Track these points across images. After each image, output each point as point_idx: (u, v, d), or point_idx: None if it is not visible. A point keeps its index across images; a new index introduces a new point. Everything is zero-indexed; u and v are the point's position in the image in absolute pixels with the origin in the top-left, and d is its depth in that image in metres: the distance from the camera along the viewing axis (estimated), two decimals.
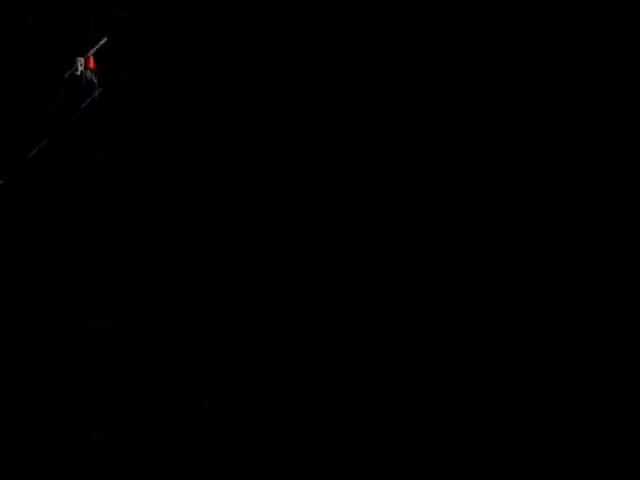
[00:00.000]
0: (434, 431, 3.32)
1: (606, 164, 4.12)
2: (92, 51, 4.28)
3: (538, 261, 3.95)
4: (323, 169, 4.39)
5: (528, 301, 3.83)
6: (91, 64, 4.29)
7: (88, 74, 4.29)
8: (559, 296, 3.83)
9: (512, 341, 3.71)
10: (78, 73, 4.24)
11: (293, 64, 4.63)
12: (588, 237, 3.96)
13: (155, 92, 4.66)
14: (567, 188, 4.14)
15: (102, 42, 4.34)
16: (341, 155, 4.42)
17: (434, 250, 4.05)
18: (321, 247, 4.12)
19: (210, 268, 4.14)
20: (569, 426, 3.33)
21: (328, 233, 4.17)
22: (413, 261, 4.02)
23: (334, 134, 4.49)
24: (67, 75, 4.23)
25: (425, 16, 4.41)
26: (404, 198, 4.25)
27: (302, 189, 4.33)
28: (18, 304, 3.91)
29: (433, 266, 4.00)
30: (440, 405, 3.45)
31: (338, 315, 3.87)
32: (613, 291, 3.79)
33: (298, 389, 3.54)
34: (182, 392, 3.52)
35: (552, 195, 4.13)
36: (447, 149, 4.35)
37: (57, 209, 4.37)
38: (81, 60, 4.27)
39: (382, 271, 4.02)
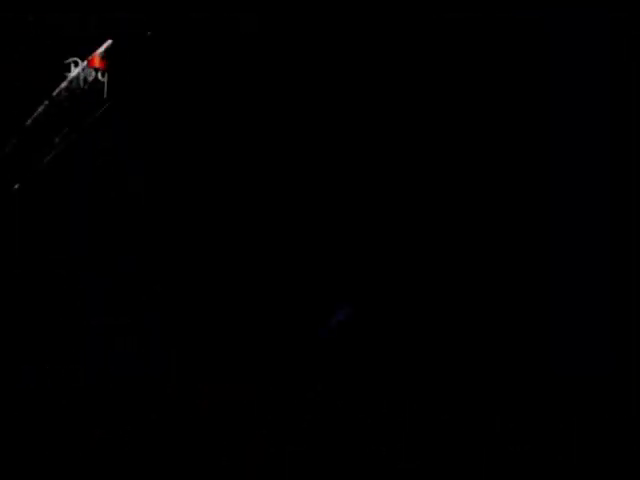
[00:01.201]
0: (434, 431, 3.32)
1: (606, 164, 4.12)
2: (98, 50, 4.27)
3: (538, 261, 3.95)
4: (324, 169, 4.39)
5: (528, 301, 3.84)
6: (97, 63, 4.29)
7: (91, 74, 4.29)
8: (559, 296, 3.83)
9: (512, 341, 3.71)
10: (74, 74, 4.24)
11: (293, 64, 4.64)
12: (588, 237, 3.96)
13: (155, 92, 4.66)
14: (567, 188, 4.15)
15: (105, 42, 4.34)
16: (341, 154, 4.43)
17: (433, 249, 4.06)
18: (321, 248, 4.13)
19: (210, 268, 4.14)
20: (569, 426, 3.33)
21: (328, 234, 4.17)
22: (412, 260, 4.03)
23: (335, 134, 4.49)
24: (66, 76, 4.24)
25: (425, 16, 4.41)
26: (403, 197, 4.25)
27: (303, 190, 4.33)
28: (18, 304, 3.91)
29: (432, 265, 4.00)
30: (440, 405, 3.45)
31: (337, 315, 3.88)
32: (613, 291, 3.79)
33: (298, 389, 3.54)
34: (182, 392, 3.52)
35: (552, 195, 4.13)
36: (446, 149, 4.36)
37: (57, 209, 4.37)
38: (77, 61, 4.27)
39: (381, 271, 4.02)
